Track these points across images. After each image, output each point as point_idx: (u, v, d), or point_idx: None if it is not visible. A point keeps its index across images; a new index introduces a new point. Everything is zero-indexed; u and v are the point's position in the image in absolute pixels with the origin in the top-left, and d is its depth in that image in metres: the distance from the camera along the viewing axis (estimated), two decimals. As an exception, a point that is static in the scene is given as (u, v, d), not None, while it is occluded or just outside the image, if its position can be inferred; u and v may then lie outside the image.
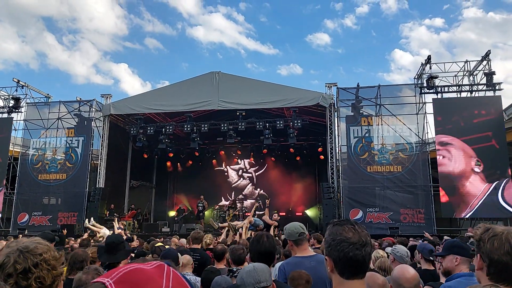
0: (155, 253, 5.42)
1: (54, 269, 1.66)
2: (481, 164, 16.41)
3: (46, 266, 1.63)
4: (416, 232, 14.94)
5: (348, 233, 1.67)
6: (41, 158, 20.00)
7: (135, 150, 22.38)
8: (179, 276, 0.93)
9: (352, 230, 1.68)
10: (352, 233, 1.67)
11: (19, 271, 1.57)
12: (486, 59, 17.39)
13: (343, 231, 1.68)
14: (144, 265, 0.91)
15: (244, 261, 4.15)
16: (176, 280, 0.90)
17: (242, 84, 19.31)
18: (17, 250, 1.62)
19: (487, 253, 1.77)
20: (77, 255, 3.99)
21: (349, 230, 1.68)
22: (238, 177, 26.41)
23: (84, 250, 4.35)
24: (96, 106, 20.44)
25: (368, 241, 1.68)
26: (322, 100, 18.19)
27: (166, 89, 20.82)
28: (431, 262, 4.33)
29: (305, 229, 3.68)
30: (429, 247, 4.58)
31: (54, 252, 1.70)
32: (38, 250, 1.64)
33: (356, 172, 17.57)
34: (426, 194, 16.92)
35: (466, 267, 3.13)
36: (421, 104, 17.87)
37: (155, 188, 25.88)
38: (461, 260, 3.14)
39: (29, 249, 1.62)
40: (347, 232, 1.67)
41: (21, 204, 19.51)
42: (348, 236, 1.66)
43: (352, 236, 1.66)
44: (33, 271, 1.59)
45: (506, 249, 1.72)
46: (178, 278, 0.92)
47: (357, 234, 1.67)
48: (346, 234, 1.67)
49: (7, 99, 21.03)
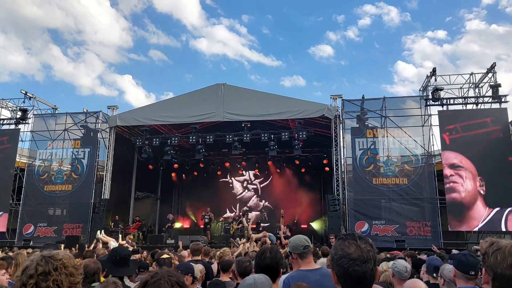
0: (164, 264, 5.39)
1: (72, 275, 1.83)
2: (483, 185, 16.14)
3: (65, 271, 1.80)
4: (422, 245, 14.79)
5: (350, 249, 1.67)
6: (47, 169, 20.10)
7: (140, 161, 22.44)
8: None
9: (354, 245, 1.67)
10: (353, 249, 1.66)
11: (39, 272, 1.75)
12: (491, 71, 17.37)
13: (344, 246, 1.69)
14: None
15: (250, 273, 4.12)
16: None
17: (247, 96, 19.38)
18: (40, 256, 1.83)
19: (491, 267, 1.79)
20: (88, 268, 3.82)
21: (350, 245, 1.68)
22: (243, 189, 26.35)
23: (96, 261, 4.16)
24: (102, 117, 20.57)
25: (370, 257, 1.66)
26: (327, 112, 18.20)
27: (172, 101, 20.94)
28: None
29: (310, 242, 3.66)
30: (434, 263, 4.46)
31: (74, 261, 1.90)
32: (58, 256, 1.83)
33: (361, 184, 17.49)
34: (432, 206, 16.76)
35: (463, 282, 3.08)
36: (426, 116, 17.83)
37: (160, 199, 25.87)
38: (457, 273, 3.11)
39: (51, 255, 1.83)
40: (348, 248, 1.67)
41: (26, 215, 19.56)
42: (349, 252, 1.66)
43: (353, 252, 1.65)
44: (52, 274, 1.76)
45: (509, 263, 1.74)
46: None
47: (359, 250, 1.66)
48: (347, 250, 1.67)
49: (15, 110, 21.25)
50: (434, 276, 4.26)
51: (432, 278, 4.29)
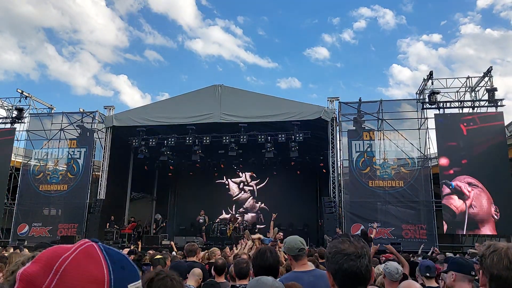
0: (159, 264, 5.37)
1: None
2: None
3: None
4: (417, 248, 14.80)
5: (343, 245, 1.68)
6: (42, 168, 20.00)
7: (136, 162, 22.36)
8: (96, 252, 0.86)
9: (348, 242, 1.69)
10: (347, 245, 1.68)
11: None
12: (488, 75, 17.45)
13: (338, 243, 1.70)
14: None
15: (247, 275, 4.12)
16: (85, 252, 0.85)
17: (244, 97, 19.39)
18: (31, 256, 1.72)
19: (487, 269, 1.80)
20: None
21: (344, 242, 1.69)
22: (239, 190, 26.32)
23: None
24: (98, 117, 20.51)
25: (364, 253, 1.67)
26: (324, 114, 18.22)
27: (169, 102, 20.90)
28: (432, 278, 4.29)
29: (305, 244, 3.65)
30: (426, 263, 4.52)
31: None
32: None
33: (357, 187, 17.51)
34: (428, 209, 16.81)
35: (466, 284, 3.09)
36: (423, 120, 17.89)
37: (155, 200, 25.80)
38: (458, 276, 3.12)
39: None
40: (342, 244, 1.69)
41: (21, 215, 19.45)
42: (343, 248, 1.67)
43: (347, 248, 1.67)
44: None
45: (505, 264, 1.74)
46: (91, 253, 0.86)
47: (353, 245, 1.67)
48: (341, 246, 1.68)
49: (10, 109, 21.16)
50: (427, 275, 4.30)
51: (425, 279, 4.32)
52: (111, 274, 0.83)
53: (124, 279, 0.85)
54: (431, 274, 4.35)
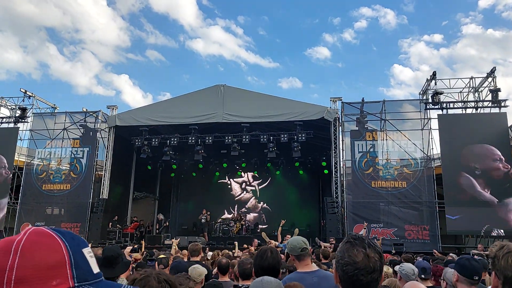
0: (161, 263, 5.38)
1: None
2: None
3: None
4: (421, 248, 14.76)
5: (357, 257, 1.58)
6: (45, 168, 20.05)
7: (139, 161, 22.40)
8: (45, 230, 0.94)
9: (362, 254, 1.58)
10: (361, 257, 1.57)
11: None
12: (491, 75, 17.39)
13: (352, 254, 1.59)
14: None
15: (250, 275, 4.11)
16: (35, 232, 0.92)
17: (247, 97, 19.37)
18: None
19: (501, 270, 1.75)
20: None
21: (358, 254, 1.58)
22: (241, 190, 26.32)
23: None
24: (101, 117, 20.54)
25: (377, 267, 1.58)
26: (327, 114, 18.18)
27: (172, 101, 20.91)
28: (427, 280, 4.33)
29: (308, 244, 3.64)
30: (421, 265, 4.52)
31: None
32: None
33: (360, 187, 17.47)
34: (431, 210, 16.75)
35: (466, 287, 3.07)
36: (426, 120, 17.83)
37: (158, 200, 25.83)
38: (459, 278, 3.11)
39: None
40: (356, 256, 1.58)
41: (24, 214, 19.50)
42: (356, 261, 1.57)
43: (360, 261, 1.57)
44: None
45: None
46: (41, 232, 0.93)
47: (366, 259, 1.57)
48: (355, 258, 1.58)
49: (14, 109, 21.22)
50: (422, 277, 4.30)
51: (420, 279, 4.32)
52: (66, 242, 0.92)
53: (77, 245, 0.94)
54: (425, 276, 4.37)
